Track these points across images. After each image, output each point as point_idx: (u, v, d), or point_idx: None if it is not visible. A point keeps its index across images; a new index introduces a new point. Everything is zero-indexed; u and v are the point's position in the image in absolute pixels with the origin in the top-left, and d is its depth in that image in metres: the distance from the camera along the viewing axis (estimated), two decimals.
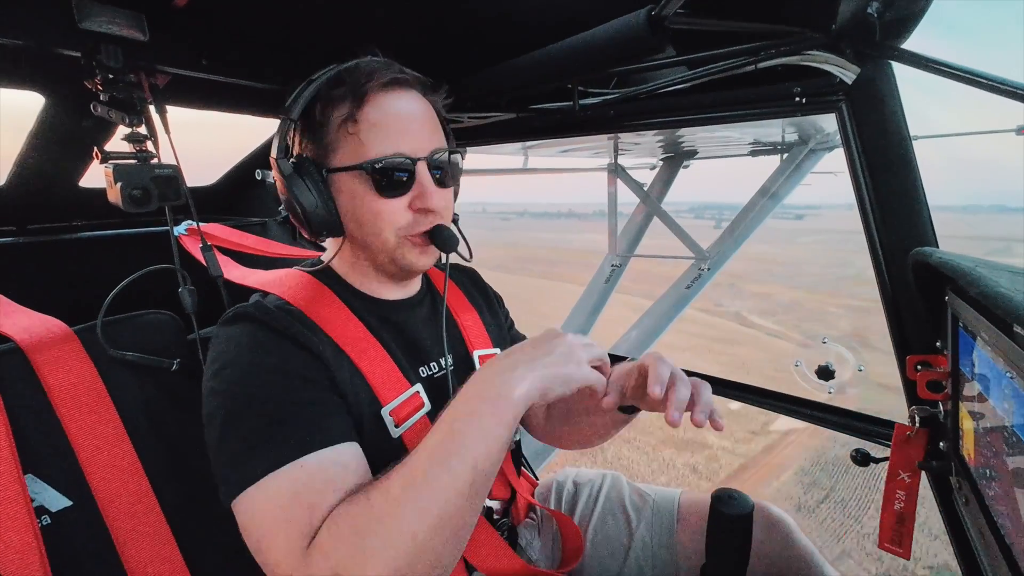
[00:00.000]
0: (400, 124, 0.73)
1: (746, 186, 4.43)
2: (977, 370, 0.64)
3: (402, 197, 0.74)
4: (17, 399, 0.70)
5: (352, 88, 0.71)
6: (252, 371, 0.65)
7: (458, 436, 0.57)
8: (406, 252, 0.77)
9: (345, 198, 0.75)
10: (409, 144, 0.73)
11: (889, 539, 0.88)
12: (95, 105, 0.80)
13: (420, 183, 0.74)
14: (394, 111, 0.73)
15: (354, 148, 0.72)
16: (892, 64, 0.82)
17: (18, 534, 0.62)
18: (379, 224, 0.74)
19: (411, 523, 0.53)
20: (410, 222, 0.75)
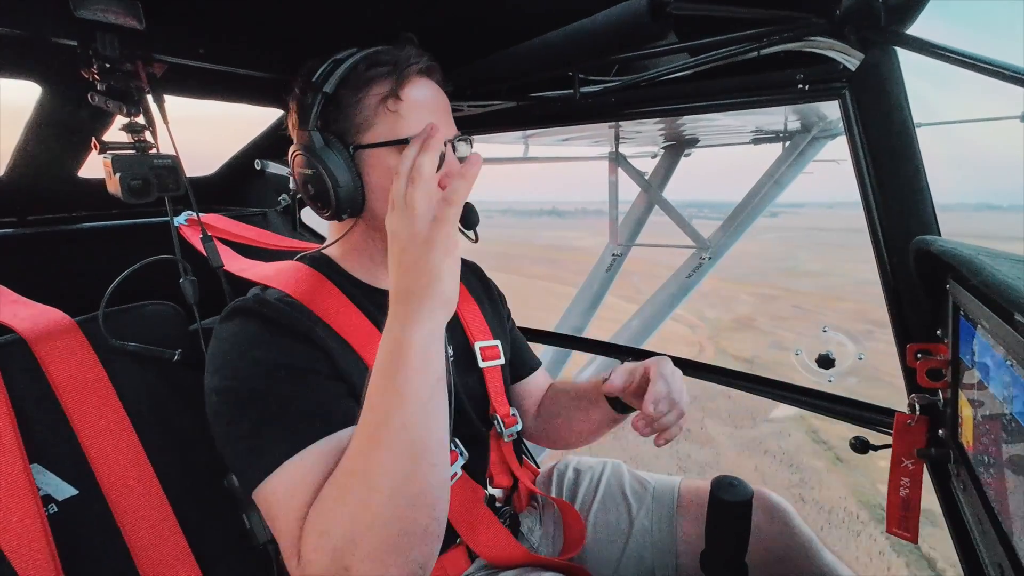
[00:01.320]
0: (437, 106, 0.77)
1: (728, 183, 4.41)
2: (977, 358, 0.64)
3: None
4: (21, 390, 0.70)
5: (396, 68, 0.74)
6: (254, 366, 0.65)
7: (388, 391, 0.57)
8: None
9: (377, 174, 0.75)
10: (443, 125, 0.76)
11: (897, 524, 0.89)
12: (92, 95, 0.79)
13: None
14: (431, 93, 0.77)
15: (393, 125, 0.73)
16: (896, 50, 0.81)
17: (26, 523, 0.63)
18: None
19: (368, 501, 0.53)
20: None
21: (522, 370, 1.06)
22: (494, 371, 0.94)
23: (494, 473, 0.91)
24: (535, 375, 1.08)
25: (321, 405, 0.65)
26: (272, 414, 0.63)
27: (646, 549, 0.96)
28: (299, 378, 0.66)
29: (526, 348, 1.10)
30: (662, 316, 4.49)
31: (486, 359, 0.92)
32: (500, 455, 0.93)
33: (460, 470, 0.81)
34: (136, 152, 0.82)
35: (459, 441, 0.83)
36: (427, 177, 0.60)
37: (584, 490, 1.07)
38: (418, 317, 0.58)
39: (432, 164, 0.61)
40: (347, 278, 0.81)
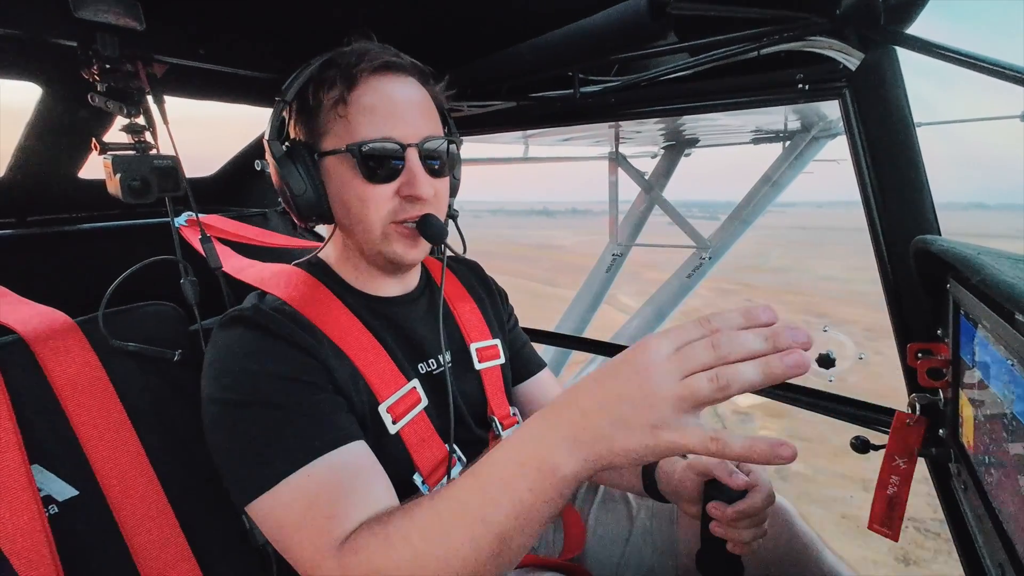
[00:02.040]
0: (390, 108, 0.71)
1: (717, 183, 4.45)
2: (978, 358, 0.64)
3: (390, 184, 0.72)
4: (22, 391, 0.70)
5: (344, 70, 0.70)
6: (252, 378, 0.65)
7: (485, 502, 0.49)
8: (392, 243, 0.75)
9: (334, 183, 0.74)
10: (400, 129, 0.71)
11: (880, 521, 0.89)
12: (92, 95, 0.79)
13: (409, 170, 0.72)
14: (385, 95, 0.72)
15: (343, 131, 0.71)
16: (896, 50, 0.81)
17: (27, 524, 0.63)
18: (364, 210, 0.73)
19: (426, 573, 0.50)
20: (395, 209, 0.73)
21: (525, 370, 1.05)
22: (492, 372, 0.93)
23: None
24: (539, 376, 1.06)
25: (319, 420, 0.65)
26: (271, 428, 0.63)
27: (646, 549, 0.96)
28: (298, 390, 0.66)
29: (529, 348, 1.09)
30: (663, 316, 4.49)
31: (483, 360, 0.92)
32: None
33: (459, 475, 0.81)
34: (136, 153, 0.82)
35: (457, 446, 0.83)
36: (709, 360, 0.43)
37: (584, 491, 1.07)
38: (581, 458, 0.46)
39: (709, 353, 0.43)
40: (342, 284, 0.81)
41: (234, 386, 0.65)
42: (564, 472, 0.46)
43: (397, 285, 0.85)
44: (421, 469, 0.76)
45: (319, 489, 0.60)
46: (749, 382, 0.41)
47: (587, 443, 0.45)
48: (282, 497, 0.60)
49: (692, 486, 0.77)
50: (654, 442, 0.43)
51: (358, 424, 0.70)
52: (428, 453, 0.77)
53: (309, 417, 0.64)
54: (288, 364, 0.67)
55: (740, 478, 0.71)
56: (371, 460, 0.67)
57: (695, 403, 0.42)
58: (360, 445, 0.66)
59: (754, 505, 0.70)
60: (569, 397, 0.49)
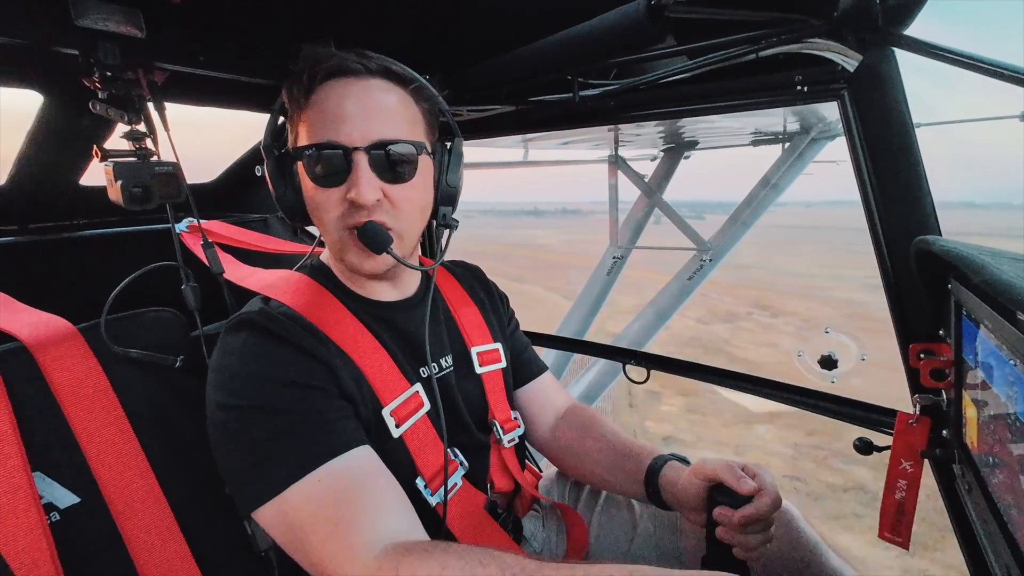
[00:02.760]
0: (338, 111, 0.70)
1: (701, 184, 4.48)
2: (980, 358, 0.64)
3: (339, 187, 0.71)
4: (24, 398, 0.70)
5: (303, 77, 0.71)
6: (258, 383, 0.65)
7: None
8: (349, 253, 0.74)
9: (304, 184, 0.76)
10: (345, 132, 0.69)
11: (889, 528, 0.88)
12: (94, 103, 0.79)
13: (354, 173, 0.69)
14: (335, 98, 0.70)
15: (302, 135, 0.73)
16: (895, 51, 0.81)
17: (28, 531, 0.63)
18: (319, 215, 0.74)
19: None
20: (344, 213, 0.72)
21: (527, 374, 1.05)
22: (493, 375, 0.93)
23: (495, 478, 0.91)
24: (541, 379, 1.06)
25: (325, 425, 0.65)
26: (277, 434, 0.63)
27: (650, 555, 0.95)
28: (304, 396, 0.66)
29: (530, 351, 1.08)
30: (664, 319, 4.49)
31: (484, 364, 0.92)
32: (500, 460, 0.93)
33: (461, 480, 0.81)
34: (137, 159, 0.82)
35: (458, 450, 0.83)
36: None
37: (587, 494, 1.07)
38: None
39: None
40: (343, 289, 0.82)
41: (240, 392, 0.65)
42: None
43: (393, 291, 0.85)
44: (423, 473, 0.76)
45: (328, 493, 0.60)
46: None
47: None
48: (292, 502, 0.60)
49: (696, 492, 0.76)
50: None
51: (363, 428, 0.70)
52: (430, 457, 0.77)
53: (315, 423, 0.64)
54: (294, 369, 0.67)
55: (747, 483, 0.71)
56: (378, 464, 0.67)
57: None
58: (366, 450, 0.67)
59: (761, 509, 0.69)
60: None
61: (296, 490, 0.60)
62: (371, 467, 0.65)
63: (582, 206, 46.77)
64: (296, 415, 0.64)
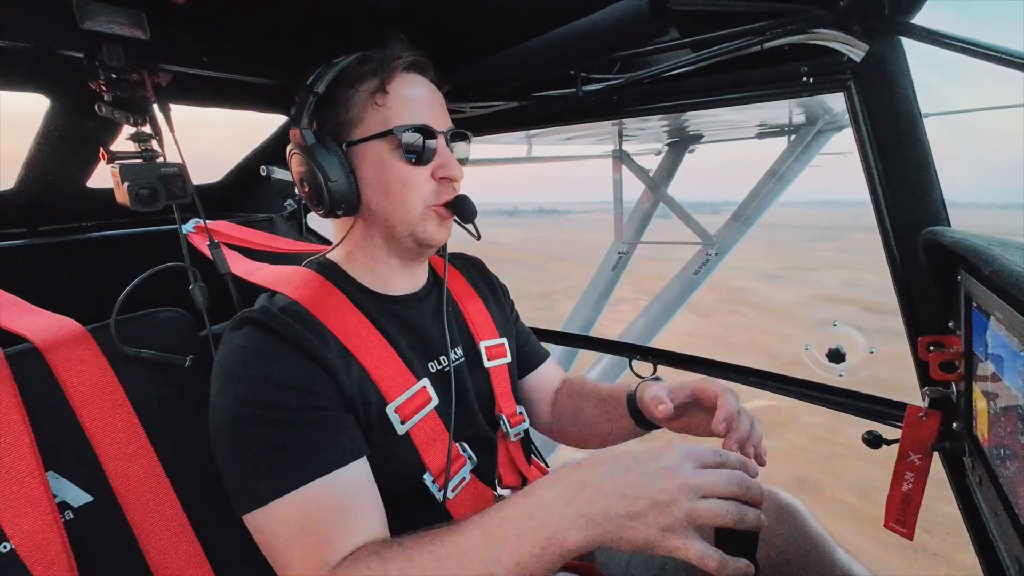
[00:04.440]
0: (425, 99, 0.79)
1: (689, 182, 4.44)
2: (991, 350, 0.63)
3: (427, 166, 0.77)
4: (36, 398, 0.71)
5: (382, 65, 0.76)
6: (257, 385, 0.66)
7: (488, 558, 0.52)
8: (428, 224, 0.79)
9: (370, 168, 0.76)
10: (432, 118, 0.78)
11: (895, 519, 0.88)
12: (99, 105, 0.80)
13: (442, 154, 0.78)
14: (419, 88, 0.79)
15: (382, 118, 0.75)
16: (902, 40, 0.80)
17: (43, 530, 0.64)
18: (407, 192, 0.77)
19: None
20: (434, 191, 0.78)
21: (530, 363, 1.06)
22: (500, 370, 0.94)
23: (502, 473, 0.91)
24: (544, 367, 1.08)
25: (324, 438, 0.65)
26: (272, 444, 0.63)
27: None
28: (302, 403, 0.66)
29: (533, 340, 1.09)
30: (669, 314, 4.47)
31: (492, 358, 0.92)
32: (508, 455, 0.93)
33: (469, 474, 0.81)
34: (143, 161, 0.82)
35: (467, 445, 0.83)
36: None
37: None
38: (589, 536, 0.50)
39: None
40: (353, 284, 0.82)
41: (239, 398, 0.66)
42: (570, 545, 0.50)
43: (408, 282, 0.86)
44: (431, 469, 0.76)
45: (314, 511, 0.61)
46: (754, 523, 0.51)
47: (599, 524, 0.50)
48: (277, 514, 0.61)
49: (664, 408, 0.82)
50: (660, 542, 0.48)
51: (365, 430, 0.71)
52: (438, 452, 0.77)
53: (311, 434, 0.65)
54: (293, 372, 0.67)
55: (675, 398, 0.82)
56: (368, 482, 0.67)
57: (704, 523, 0.49)
58: (358, 466, 0.67)
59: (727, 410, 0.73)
60: (586, 475, 0.53)
61: (282, 504, 0.61)
62: (360, 485, 0.66)
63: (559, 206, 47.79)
64: (290, 426, 0.64)
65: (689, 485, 0.49)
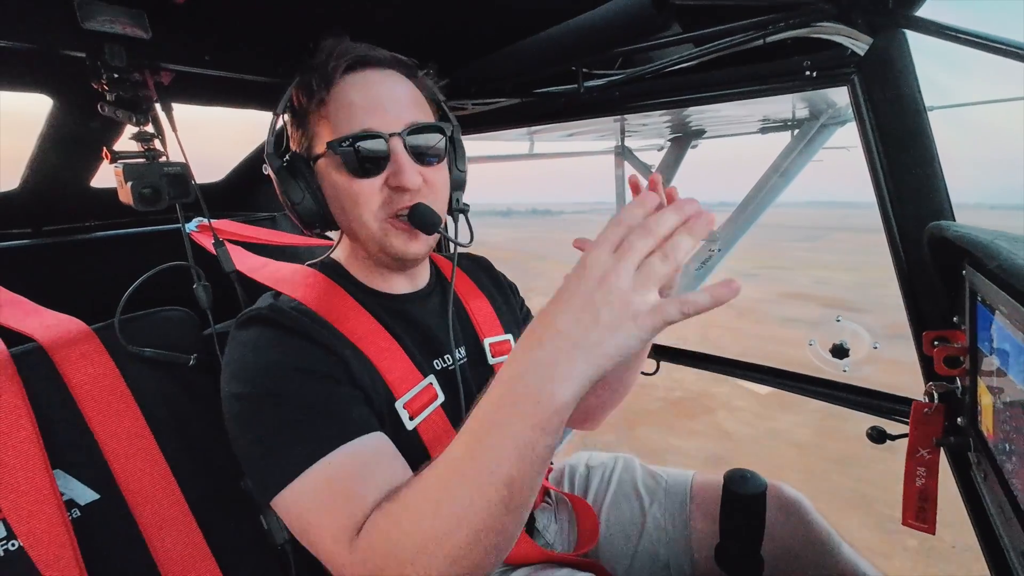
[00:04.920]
0: (368, 101, 0.71)
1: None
2: (996, 344, 0.63)
3: (377, 176, 0.72)
4: (42, 397, 0.71)
5: (320, 71, 0.71)
6: (271, 371, 0.66)
7: (486, 450, 0.49)
8: (391, 238, 0.74)
9: (327, 186, 0.75)
10: (379, 120, 0.70)
11: (913, 516, 0.88)
12: (102, 105, 0.80)
13: (396, 159, 0.71)
14: (362, 89, 0.71)
15: (327, 131, 0.72)
16: (906, 33, 0.80)
17: (50, 527, 0.65)
18: (357, 208, 0.73)
19: (441, 535, 0.49)
20: (385, 201, 0.73)
21: None
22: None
23: None
24: None
25: (338, 411, 0.65)
26: (289, 421, 0.63)
27: (660, 543, 0.96)
28: (316, 383, 0.66)
29: None
30: None
31: (496, 355, 0.92)
32: None
33: None
34: (146, 160, 0.83)
35: None
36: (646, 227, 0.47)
37: (596, 485, 1.07)
38: (576, 375, 0.46)
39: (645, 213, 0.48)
40: (356, 283, 0.82)
41: (252, 380, 0.66)
42: (563, 397, 0.46)
43: (408, 282, 0.86)
44: None
45: (338, 475, 0.60)
46: (687, 248, 0.47)
47: (579, 358, 0.46)
48: (303, 487, 0.60)
49: None
50: (639, 328, 0.45)
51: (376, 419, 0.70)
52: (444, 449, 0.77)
53: (327, 409, 0.64)
54: (305, 358, 0.67)
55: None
56: (389, 447, 0.66)
57: (656, 283, 0.46)
58: (377, 436, 0.66)
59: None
60: (542, 323, 0.48)
61: (309, 476, 0.60)
62: (382, 450, 0.65)
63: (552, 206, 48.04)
64: (306, 403, 0.64)
65: (621, 268, 0.46)
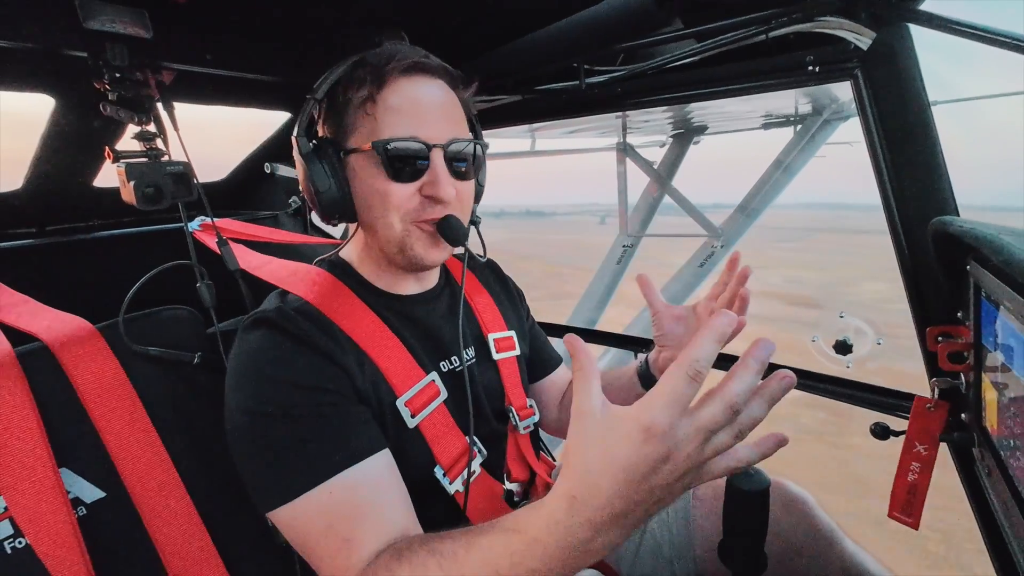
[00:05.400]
0: (418, 109, 0.72)
1: None
2: (1000, 340, 0.63)
3: (413, 183, 0.73)
4: (47, 396, 0.72)
5: (374, 69, 0.71)
6: (274, 387, 0.66)
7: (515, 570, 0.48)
8: (414, 242, 0.75)
9: (358, 180, 0.75)
10: (426, 130, 0.71)
11: (900, 509, 0.88)
12: (104, 105, 0.80)
13: (434, 170, 0.72)
14: (413, 96, 0.72)
15: (370, 129, 0.72)
16: (909, 27, 0.79)
17: (57, 525, 0.65)
18: (386, 207, 0.73)
19: None
20: (417, 207, 0.74)
21: (545, 367, 1.07)
22: (509, 362, 0.94)
23: (511, 467, 0.92)
24: (557, 371, 1.09)
25: (344, 433, 0.65)
26: (293, 441, 0.63)
27: (663, 540, 0.96)
28: (320, 401, 0.66)
29: (548, 346, 1.10)
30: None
31: (500, 351, 0.93)
32: (517, 448, 0.93)
33: (479, 467, 0.82)
34: (149, 160, 0.83)
35: (477, 439, 0.83)
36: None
37: None
38: (610, 544, 0.46)
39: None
40: (363, 283, 0.82)
41: (257, 395, 0.66)
42: (600, 548, 0.46)
43: (417, 284, 0.86)
44: (442, 462, 0.76)
45: (338, 506, 0.61)
46: (760, 420, 0.42)
47: (627, 521, 0.44)
48: (303, 510, 0.61)
49: None
50: (690, 489, 0.49)
51: (379, 424, 0.71)
52: (448, 446, 0.78)
53: (330, 430, 0.65)
54: (310, 372, 0.67)
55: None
56: (391, 473, 0.67)
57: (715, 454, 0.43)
58: (380, 457, 0.67)
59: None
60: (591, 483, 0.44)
61: (309, 499, 0.61)
62: (383, 478, 0.66)
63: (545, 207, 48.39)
64: (310, 422, 0.64)
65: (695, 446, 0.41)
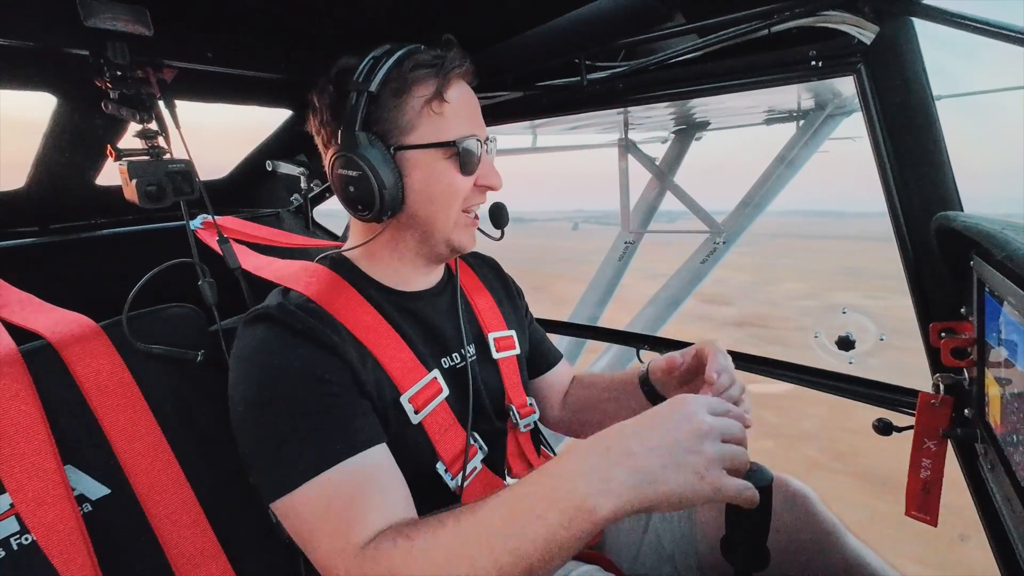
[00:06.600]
0: (472, 108, 0.80)
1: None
2: (1004, 336, 0.63)
3: (471, 176, 0.79)
4: (52, 394, 0.72)
5: (440, 69, 0.74)
6: (277, 375, 0.66)
7: (518, 535, 0.50)
8: (460, 232, 0.81)
9: (419, 175, 0.75)
10: (480, 128, 0.80)
11: (916, 507, 0.88)
12: (106, 103, 0.80)
13: (486, 163, 0.81)
14: (468, 95, 0.79)
15: (437, 127, 0.75)
16: (913, 21, 0.79)
17: (62, 522, 0.65)
18: (452, 200, 0.78)
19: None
20: (467, 198, 0.80)
21: (544, 364, 1.07)
22: (509, 361, 0.94)
23: (512, 464, 0.92)
24: (557, 368, 1.09)
25: (345, 423, 0.66)
26: (294, 430, 0.64)
27: (665, 536, 0.96)
28: (322, 390, 0.67)
29: (547, 342, 1.11)
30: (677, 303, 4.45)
31: (500, 350, 0.93)
32: (517, 446, 0.94)
33: (480, 464, 0.82)
34: (150, 158, 0.83)
35: (478, 435, 0.84)
36: None
37: None
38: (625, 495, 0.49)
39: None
40: (367, 280, 0.82)
41: (259, 384, 0.66)
42: (603, 513, 0.48)
43: (424, 279, 0.87)
44: (444, 458, 0.77)
45: (338, 493, 0.62)
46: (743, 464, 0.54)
47: (633, 486, 0.49)
48: (303, 499, 0.62)
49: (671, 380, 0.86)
50: (699, 486, 0.49)
51: (381, 419, 0.71)
52: (450, 442, 0.78)
53: (332, 420, 0.65)
54: (312, 363, 0.68)
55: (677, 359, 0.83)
56: (390, 464, 0.68)
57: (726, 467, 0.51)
58: (380, 449, 0.67)
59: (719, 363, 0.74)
60: (612, 440, 0.52)
61: (311, 486, 0.62)
62: (383, 468, 0.67)
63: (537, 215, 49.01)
64: (311, 412, 0.65)
65: (713, 432, 0.51)
